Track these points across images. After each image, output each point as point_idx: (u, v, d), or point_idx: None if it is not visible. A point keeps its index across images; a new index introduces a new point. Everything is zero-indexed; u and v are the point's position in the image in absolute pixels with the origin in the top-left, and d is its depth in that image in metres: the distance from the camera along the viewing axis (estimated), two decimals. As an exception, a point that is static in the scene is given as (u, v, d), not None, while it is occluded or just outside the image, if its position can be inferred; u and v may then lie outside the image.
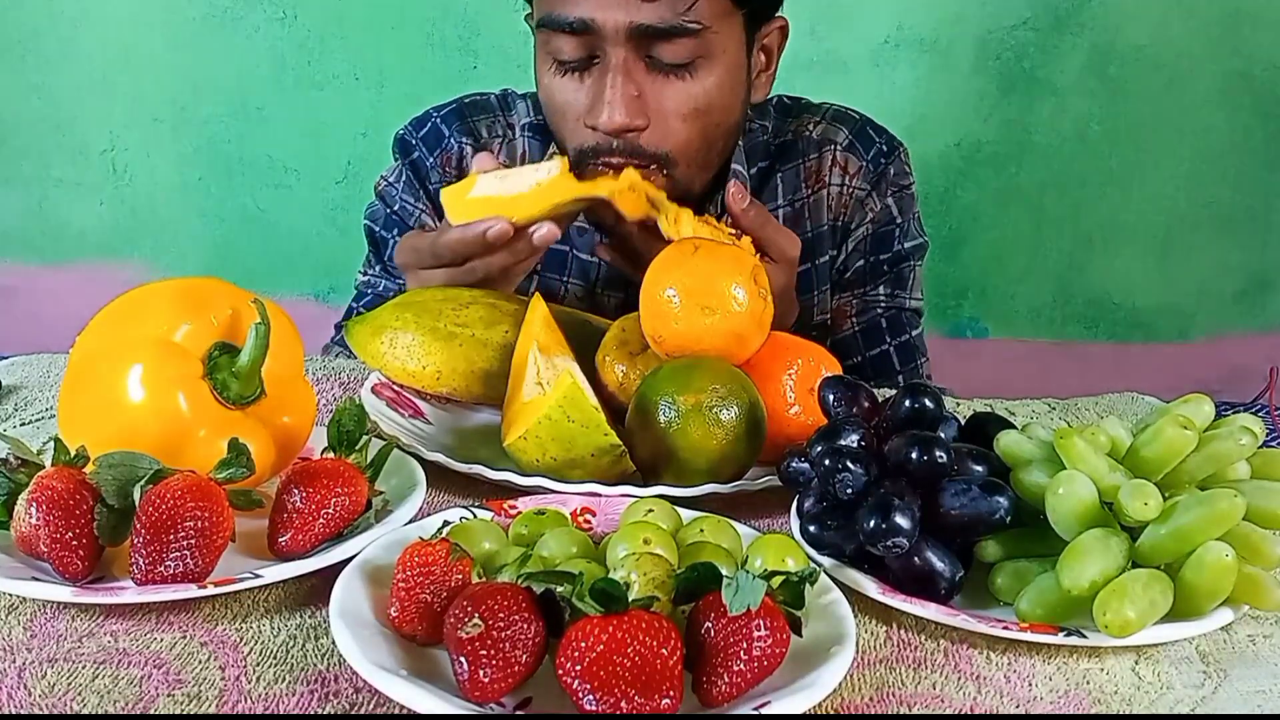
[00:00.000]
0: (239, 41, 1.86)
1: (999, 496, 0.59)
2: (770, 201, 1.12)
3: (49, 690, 0.51)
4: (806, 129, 1.14)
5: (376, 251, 1.14)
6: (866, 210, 1.12)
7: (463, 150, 1.12)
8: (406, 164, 1.13)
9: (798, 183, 1.12)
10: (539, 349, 0.78)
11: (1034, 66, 1.84)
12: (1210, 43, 1.82)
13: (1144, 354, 1.95)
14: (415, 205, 1.13)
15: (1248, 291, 1.95)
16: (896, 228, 1.12)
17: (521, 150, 1.13)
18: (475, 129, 1.13)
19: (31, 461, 0.60)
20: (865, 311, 1.12)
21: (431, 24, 1.84)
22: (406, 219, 1.12)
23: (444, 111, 1.14)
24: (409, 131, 1.14)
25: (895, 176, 1.13)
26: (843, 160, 1.12)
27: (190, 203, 1.95)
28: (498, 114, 1.14)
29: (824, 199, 1.12)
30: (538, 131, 1.12)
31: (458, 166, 1.12)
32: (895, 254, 1.12)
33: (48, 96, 1.91)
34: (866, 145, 1.13)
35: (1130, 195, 1.90)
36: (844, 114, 1.15)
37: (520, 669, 0.49)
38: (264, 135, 1.91)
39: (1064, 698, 0.54)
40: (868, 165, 1.12)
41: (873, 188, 1.12)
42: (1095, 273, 1.94)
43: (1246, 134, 1.86)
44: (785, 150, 1.13)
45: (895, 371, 1.12)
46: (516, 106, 1.15)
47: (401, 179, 1.13)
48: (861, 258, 1.12)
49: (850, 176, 1.12)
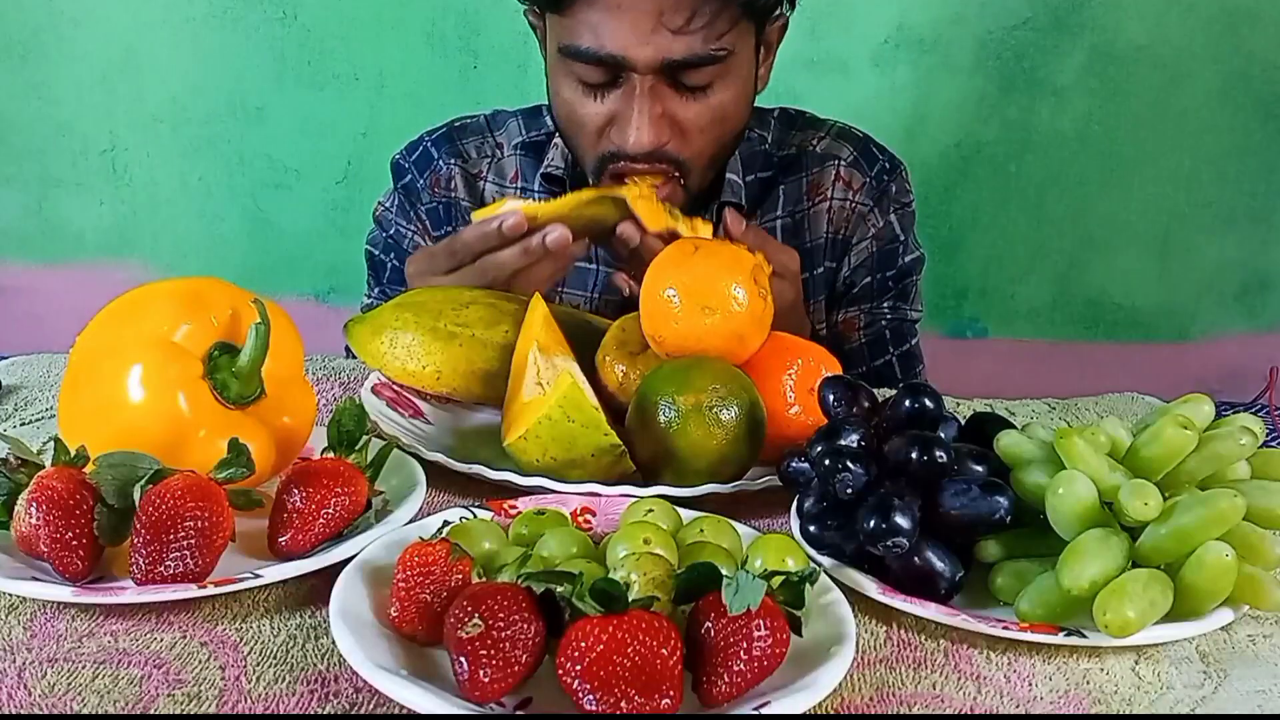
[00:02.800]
0: (239, 41, 1.86)
1: (999, 496, 0.59)
2: (770, 212, 1.14)
3: (49, 690, 0.51)
4: (811, 144, 1.16)
5: (376, 275, 1.17)
6: (869, 226, 1.14)
7: (451, 171, 1.15)
8: (400, 188, 1.17)
9: (799, 195, 1.14)
10: (539, 349, 0.78)
11: (1034, 66, 1.84)
12: (1210, 42, 1.82)
13: (1144, 354, 1.95)
14: (408, 228, 1.15)
15: (1248, 291, 1.95)
16: (900, 244, 1.15)
17: (514, 170, 1.15)
18: (464, 150, 1.16)
19: (31, 461, 0.60)
20: (871, 325, 1.15)
21: (431, 24, 1.83)
22: (401, 242, 1.15)
23: (434, 135, 1.18)
24: (403, 156, 1.18)
25: (897, 194, 1.15)
26: (846, 175, 1.14)
27: (190, 203, 1.95)
28: (486, 134, 1.17)
29: (823, 211, 1.14)
30: (530, 149, 1.15)
31: (446, 188, 1.15)
32: (900, 270, 1.15)
33: (48, 96, 1.91)
34: (870, 162, 1.15)
35: (1130, 195, 1.90)
36: (848, 131, 1.18)
37: (520, 669, 0.49)
38: (264, 135, 1.91)
39: (1064, 698, 0.54)
40: (870, 181, 1.14)
41: (875, 204, 1.14)
42: (1095, 273, 1.94)
43: (1246, 134, 1.86)
44: (789, 164, 1.15)
45: (897, 380, 1.15)
46: (507, 126, 1.17)
47: (395, 203, 1.16)
48: (868, 274, 1.14)
49: (853, 191, 1.14)
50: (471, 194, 1.15)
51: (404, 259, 1.12)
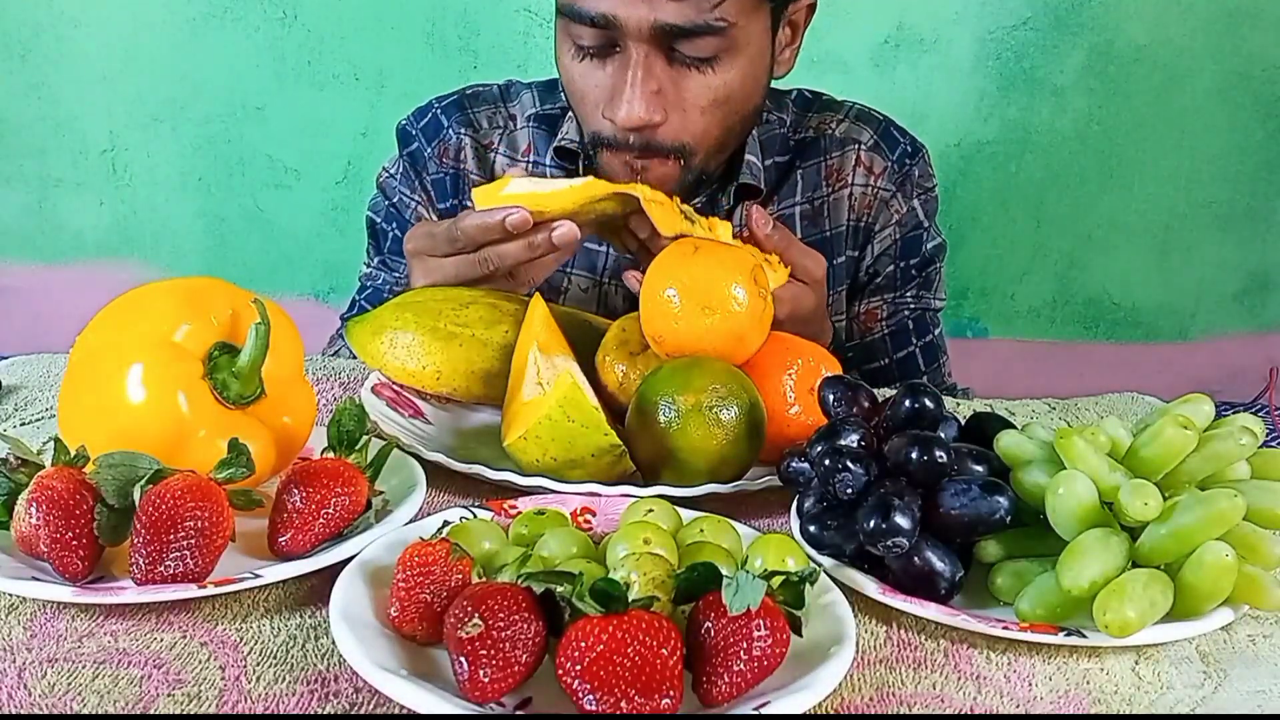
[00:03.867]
0: (239, 41, 1.86)
1: (999, 496, 0.59)
2: (789, 198, 1.10)
3: (49, 690, 0.51)
4: (829, 126, 1.12)
5: (376, 244, 1.14)
6: (892, 212, 1.11)
7: (461, 141, 1.11)
8: (405, 155, 1.12)
9: (818, 180, 1.10)
10: (539, 349, 0.78)
11: (1034, 66, 1.84)
12: (1209, 43, 1.82)
13: (1144, 354, 1.96)
14: (411, 197, 1.12)
15: (1247, 291, 1.95)
16: (924, 231, 1.12)
17: (526, 143, 1.11)
18: (475, 120, 1.12)
19: (31, 461, 0.60)
20: (894, 315, 1.12)
21: (431, 24, 1.84)
22: (403, 211, 1.12)
23: (445, 102, 1.13)
24: (410, 122, 1.13)
25: (920, 178, 1.12)
26: (867, 160, 1.11)
27: (190, 203, 1.95)
28: (499, 105, 1.13)
29: (844, 198, 1.10)
30: (544, 122, 1.11)
31: (455, 158, 1.11)
32: (923, 257, 1.12)
33: (48, 96, 1.91)
34: (891, 146, 1.12)
35: (1130, 195, 1.90)
36: (868, 113, 1.14)
37: (520, 669, 0.49)
38: (264, 135, 1.91)
39: (1064, 698, 0.54)
40: (893, 165, 1.11)
41: (898, 189, 1.11)
42: (1095, 272, 1.94)
43: (1246, 134, 1.87)
44: (806, 147, 1.11)
45: (920, 372, 1.11)
46: (521, 97, 1.13)
47: (400, 170, 1.13)
48: (891, 262, 1.11)
49: (875, 176, 1.10)
50: (481, 167, 1.11)
51: (405, 229, 1.08)
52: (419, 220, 1.11)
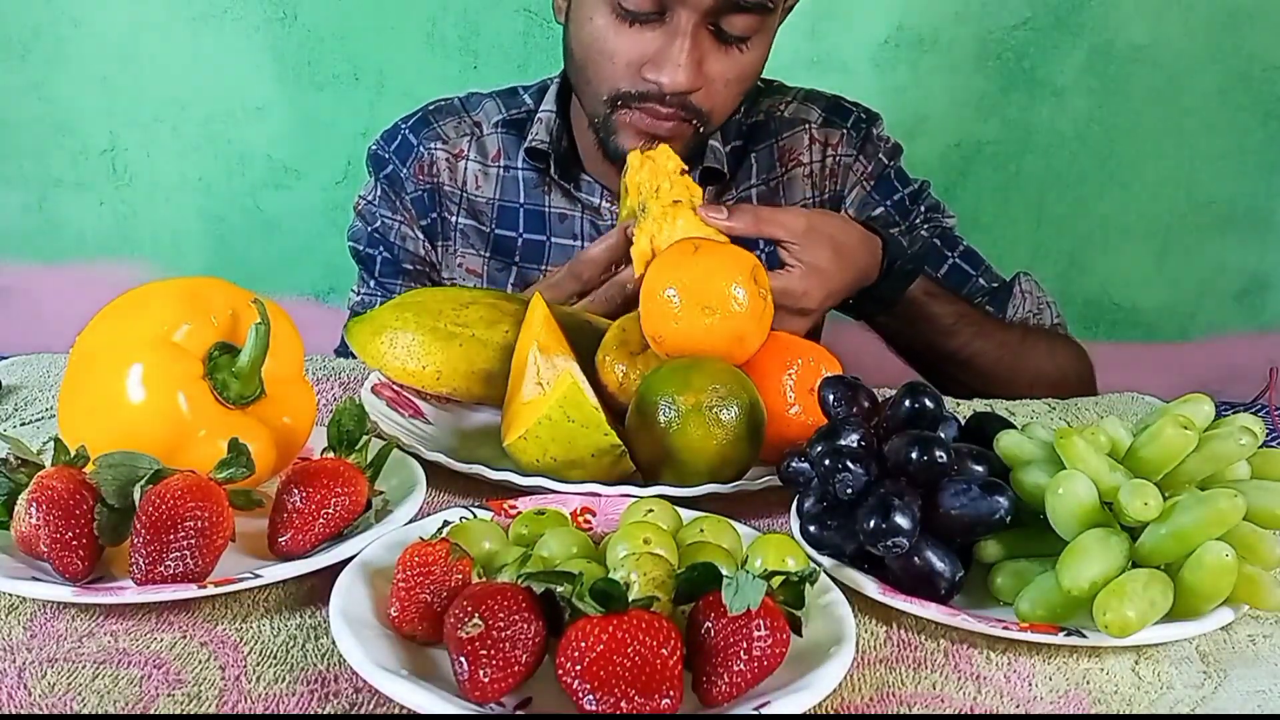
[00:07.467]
0: (239, 41, 1.86)
1: (999, 496, 0.59)
2: (745, 181, 1.14)
3: (49, 690, 0.51)
4: (779, 109, 1.17)
5: (366, 269, 1.16)
6: (854, 174, 1.15)
7: (433, 155, 1.15)
8: (381, 178, 1.16)
9: (772, 162, 1.15)
10: (539, 349, 0.78)
11: (1034, 66, 1.84)
12: (1209, 43, 1.82)
13: (1144, 354, 1.95)
14: (394, 219, 1.14)
15: (1247, 291, 1.95)
16: (891, 170, 1.15)
17: (496, 148, 1.15)
18: (442, 132, 1.16)
19: (31, 461, 0.60)
20: (914, 244, 1.12)
21: (431, 24, 1.83)
22: (388, 234, 1.14)
23: (410, 122, 1.17)
24: (381, 146, 1.17)
25: (878, 139, 1.16)
26: (821, 136, 1.15)
27: (190, 203, 1.95)
28: (462, 114, 1.17)
29: (799, 176, 1.15)
30: (511, 126, 1.15)
31: (429, 173, 1.14)
32: (911, 190, 1.15)
33: (48, 96, 1.91)
34: (844, 116, 1.16)
35: (1130, 195, 1.90)
36: (815, 93, 1.19)
37: (520, 669, 0.49)
38: (264, 135, 1.91)
39: (1064, 698, 0.54)
40: (849, 132, 1.16)
41: (859, 151, 1.15)
42: (1095, 272, 1.94)
43: (1246, 134, 1.86)
44: (756, 131, 1.16)
45: (971, 276, 1.12)
46: (483, 105, 1.17)
47: (379, 195, 1.15)
48: (877, 205, 1.14)
49: (833, 148, 1.15)
50: (454, 177, 1.15)
51: (393, 250, 1.13)
52: (404, 239, 1.13)
